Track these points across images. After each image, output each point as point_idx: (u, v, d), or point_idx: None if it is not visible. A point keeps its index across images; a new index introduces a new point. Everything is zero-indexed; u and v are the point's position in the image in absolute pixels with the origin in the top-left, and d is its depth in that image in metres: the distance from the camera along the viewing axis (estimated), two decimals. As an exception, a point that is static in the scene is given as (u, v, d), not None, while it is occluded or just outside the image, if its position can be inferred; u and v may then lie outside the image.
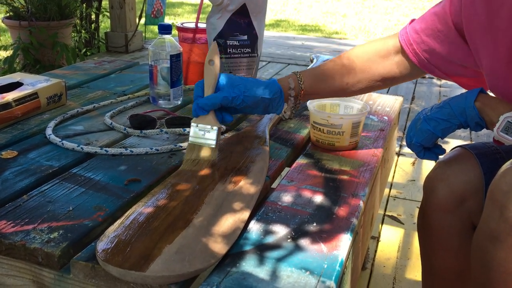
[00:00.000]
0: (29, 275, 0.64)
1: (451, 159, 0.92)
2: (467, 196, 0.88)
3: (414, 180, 1.96)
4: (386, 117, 1.16)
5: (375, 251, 1.50)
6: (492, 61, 0.81)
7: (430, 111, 0.86)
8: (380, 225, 1.63)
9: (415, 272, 1.40)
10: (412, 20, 0.92)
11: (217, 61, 0.82)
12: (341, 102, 1.03)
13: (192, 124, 0.83)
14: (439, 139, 0.87)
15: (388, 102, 1.28)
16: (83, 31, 3.73)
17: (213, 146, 0.83)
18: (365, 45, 0.95)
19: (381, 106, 1.24)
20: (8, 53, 3.28)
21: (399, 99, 1.32)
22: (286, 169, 0.92)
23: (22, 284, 0.65)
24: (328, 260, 0.62)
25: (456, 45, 0.85)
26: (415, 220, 1.66)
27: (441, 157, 0.92)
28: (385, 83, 0.94)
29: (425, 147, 0.88)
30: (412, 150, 0.90)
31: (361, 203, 0.76)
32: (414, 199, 1.80)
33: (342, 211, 0.74)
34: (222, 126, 0.94)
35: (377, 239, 1.55)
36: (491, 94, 0.85)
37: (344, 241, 0.66)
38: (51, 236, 0.63)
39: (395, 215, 1.70)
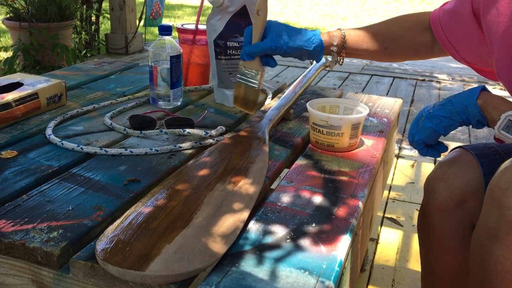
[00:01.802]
0: (28, 274, 0.64)
1: (451, 160, 0.92)
2: (467, 197, 0.88)
3: (413, 183, 1.96)
4: (385, 119, 1.17)
5: (374, 253, 1.50)
6: (499, 49, 0.81)
7: (432, 109, 0.86)
8: (379, 227, 1.63)
9: (414, 274, 1.40)
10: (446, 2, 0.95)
11: (264, 11, 0.90)
12: (341, 103, 1.03)
13: (240, 66, 0.94)
14: (441, 136, 0.88)
15: (387, 104, 1.28)
16: (83, 33, 3.73)
17: (256, 87, 0.94)
18: (406, 15, 1.00)
19: (380, 108, 1.25)
20: (8, 54, 3.29)
21: (399, 101, 1.32)
22: (285, 170, 0.92)
23: (21, 283, 0.65)
24: (327, 261, 0.62)
25: (472, 30, 0.87)
26: (414, 222, 1.66)
27: (442, 156, 0.92)
28: (420, 54, 0.98)
29: (428, 144, 0.89)
30: (414, 148, 0.90)
31: (360, 204, 0.77)
32: (413, 201, 1.80)
33: (341, 211, 0.74)
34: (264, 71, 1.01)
35: (376, 241, 1.56)
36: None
37: (343, 241, 0.66)
38: (51, 236, 0.64)
39: (394, 217, 1.70)
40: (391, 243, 1.55)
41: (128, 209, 0.69)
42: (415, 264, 1.44)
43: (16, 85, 1.08)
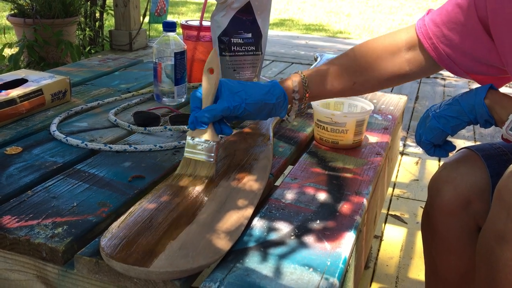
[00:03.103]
0: (33, 270, 0.64)
1: (457, 161, 0.91)
2: (473, 199, 0.87)
3: (418, 180, 1.95)
4: (390, 116, 1.16)
5: (378, 250, 1.49)
6: None
7: (439, 108, 0.85)
8: (383, 225, 1.63)
9: (418, 271, 1.40)
10: (429, 11, 0.87)
11: (217, 69, 0.77)
12: (346, 100, 1.03)
13: (188, 137, 0.78)
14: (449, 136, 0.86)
15: (392, 101, 1.28)
16: (88, 29, 3.73)
17: (212, 162, 0.77)
18: (373, 41, 0.90)
19: (385, 105, 1.24)
20: (13, 50, 3.30)
21: (403, 98, 1.32)
22: (290, 167, 0.92)
23: (26, 279, 0.65)
24: (332, 258, 0.62)
25: (480, 39, 0.80)
26: (419, 220, 1.66)
27: (449, 156, 0.91)
28: (394, 81, 0.89)
29: (435, 144, 0.87)
30: (422, 148, 0.89)
31: (365, 201, 0.76)
32: (417, 199, 1.80)
33: (345, 209, 0.74)
34: (221, 138, 0.88)
35: (380, 238, 1.55)
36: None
37: (348, 238, 0.66)
38: (55, 232, 0.64)
39: (398, 214, 1.70)
40: (395, 240, 1.54)
41: (133, 205, 0.69)
42: (419, 261, 1.44)
43: (21, 82, 1.08)
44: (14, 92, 1.01)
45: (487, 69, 0.84)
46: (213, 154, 0.77)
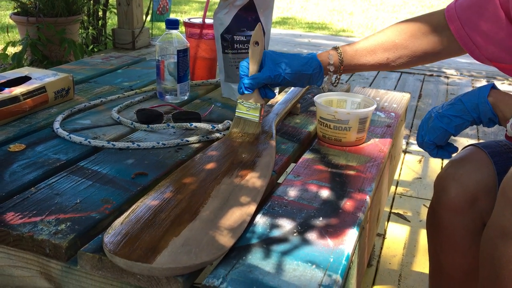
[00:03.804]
0: (36, 267, 0.64)
1: (463, 158, 0.91)
2: (479, 196, 0.87)
3: (421, 178, 1.95)
4: (393, 113, 1.16)
5: (381, 248, 1.49)
6: None
7: (441, 108, 0.85)
8: (386, 223, 1.63)
9: (421, 269, 1.40)
10: None
11: (261, 42, 0.88)
12: (348, 97, 1.03)
13: (238, 100, 0.92)
14: (451, 137, 0.86)
15: (395, 99, 1.27)
16: (91, 28, 3.74)
17: (257, 121, 0.91)
18: (408, 21, 0.95)
19: (388, 103, 1.24)
20: (17, 49, 3.30)
21: (406, 95, 1.31)
22: (292, 165, 0.92)
23: (29, 275, 0.65)
24: (334, 254, 0.62)
25: (501, 24, 0.82)
26: (421, 218, 1.65)
27: (453, 155, 0.90)
28: (426, 59, 0.94)
29: (438, 145, 0.87)
30: (424, 149, 0.88)
31: (368, 198, 0.76)
32: (420, 197, 1.79)
33: (348, 206, 0.74)
34: (265, 101, 0.99)
35: (383, 236, 1.55)
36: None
37: (351, 235, 0.66)
38: (59, 228, 0.64)
39: (401, 212, 1.69)
40: (398, 239, 1.54)
41: (136, 202, 0.69)
42: (422, 259, 1.44)
43: (24, 79, 1.08)
44: (17, 90, 1.01)
45: (506, 56, 0.85)
46: (258, 115, 0.91)
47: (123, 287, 0.60)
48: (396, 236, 1.56)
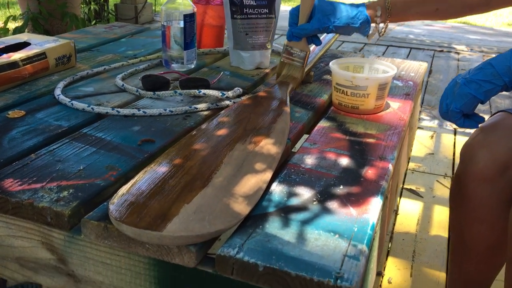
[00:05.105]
0: (37, 236, 0.60)
1: (493, 124, 0.85)
2: (510, 164, 0.82)
3: (433, 154, 1.90)
4: (411, 82, 1.10)
5: (394, 224, 1.45)
6: None
7: (468, 74, 0.79)
8: (399, 198, 1.58)
9: (435, 245, 1.35)
10: None
11: None
12: (366, 63, 0.97)
13: (285, 45, 0.97)
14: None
15: (412, 68, 1.21)
16: (93, 2, 3.66)
17: (302, 66, 0.97)
18: None
19: (405, 71, 1.18)
20: (18, 23, 3.23)
21: (424, 64, 1.25)
22: (305, 136, 0.87)
23: (30, 245, 0.61)
24: (359, 224, 0.57)
25: None
26: (435, 194, 1.61)
27: (478, 127, 0.84)
28: (473, 10, 0.94)
29: (464, 114, 0.81)
30: (449, 119, 0.81)
31: (390, 166, 0.71)
32: (433, 173, 1.74)
33: (370, 174, 0.69)
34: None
35: (395, 212, 1.51)
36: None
37: (375, 204, 0.61)
38: (61, 195, 0.59)
39: (413, 188, 1.65)
40: (411, 214, 1.50)
41: (143, 169, 0.64)
42: (436, 235, 1.40)
43: (23, 45, 1.03)
44: (17, 55, 0.96)
45: None
46: (302, 61, 0.97)
47: (130, 257, 0.56)
48: (409, 212, 1.51)
